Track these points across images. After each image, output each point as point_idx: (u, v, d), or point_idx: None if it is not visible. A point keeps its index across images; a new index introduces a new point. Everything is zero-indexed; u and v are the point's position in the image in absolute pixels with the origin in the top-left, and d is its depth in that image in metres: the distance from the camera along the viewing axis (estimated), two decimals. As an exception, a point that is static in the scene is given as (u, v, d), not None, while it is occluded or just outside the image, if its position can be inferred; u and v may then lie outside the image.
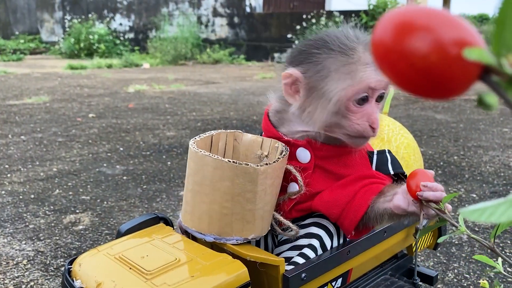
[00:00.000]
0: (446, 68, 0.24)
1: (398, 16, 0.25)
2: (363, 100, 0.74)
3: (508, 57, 0.23)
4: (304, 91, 0.77)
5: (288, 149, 0.80)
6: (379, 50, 0.25)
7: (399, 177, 0.85)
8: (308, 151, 0.81)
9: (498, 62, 0.23)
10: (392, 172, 0.82)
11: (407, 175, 0.73)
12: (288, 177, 0.81)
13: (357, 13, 8.63)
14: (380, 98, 0.76)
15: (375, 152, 0.85)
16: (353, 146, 0.79)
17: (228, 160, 0.73)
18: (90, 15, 10.98)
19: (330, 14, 8.79)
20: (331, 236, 0.82)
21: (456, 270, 1.46)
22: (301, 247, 0.80)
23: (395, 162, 0.84)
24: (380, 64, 0.25)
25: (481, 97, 0.24)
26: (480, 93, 0.24)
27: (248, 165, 0.72)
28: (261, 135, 0.89)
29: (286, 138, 0.82)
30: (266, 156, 0.83)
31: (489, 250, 1.58)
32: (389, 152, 0.85)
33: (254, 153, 0.84)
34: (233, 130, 0.87)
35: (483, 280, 1.40)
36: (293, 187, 0.82)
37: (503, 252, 1.57)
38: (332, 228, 0.83)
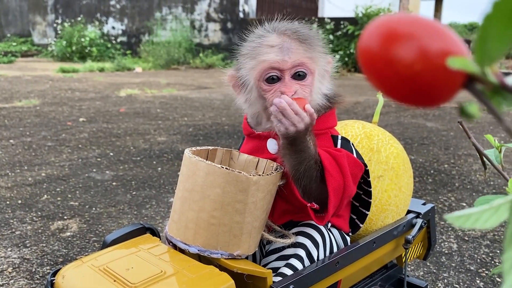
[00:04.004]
0: (431, 76, 0.24)
1: (384, 24, 0.24)
2: (273, 79, 0.79)
3: (491, 67, 0.23)
4: (238, 85, 0.85)
5: (283, 168, 0.80)
6: (365, 57, 0.25)
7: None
8: (275, 141, 0.84)
9: (481, 71, 0.23)
10: None
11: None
12: None
13: (347, 20, 8.69)
14: (299, 75, 0.79)
15: (339, 137, 0.86)
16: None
17: (221, 166, 0.72)
18: (79, 18, 10.91)
19: (322, 21, 8.83)
20: (317, 246, 0.82)
21: (446, 280, 1.46)
22: (287, 257, 0.80)
23: (359, 154, 0.87)
24: (366, 71, 0.25)
25: (463, 107, 0.24)
26: (462, 103, 0.24)
27: (240, 173, 0.72)
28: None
29: (257, 132, 0.86)
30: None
31: (479, 259, 1.58)
32: (353, 144, 0.88)
33: (249, 172, 0.84)
34: (230, 149, 0.88)
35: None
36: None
37: (492, 262, 1.57)
38: (318, 237, 0.82)
